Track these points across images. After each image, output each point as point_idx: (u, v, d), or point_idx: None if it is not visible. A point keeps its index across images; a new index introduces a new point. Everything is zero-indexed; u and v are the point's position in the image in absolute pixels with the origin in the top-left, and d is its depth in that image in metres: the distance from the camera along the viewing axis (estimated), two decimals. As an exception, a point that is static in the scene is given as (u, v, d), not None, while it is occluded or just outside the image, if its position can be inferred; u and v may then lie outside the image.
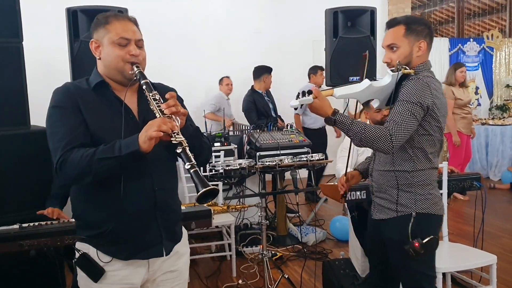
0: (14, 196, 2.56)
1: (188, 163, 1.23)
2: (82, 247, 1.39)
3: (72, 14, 3.04)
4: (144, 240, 1.39)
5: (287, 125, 4.14)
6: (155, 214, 1.40)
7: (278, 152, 3.36)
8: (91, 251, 1.38)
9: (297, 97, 1.59)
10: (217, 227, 3.30)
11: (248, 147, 3.74)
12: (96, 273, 1.36)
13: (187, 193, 3.43)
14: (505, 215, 4.28)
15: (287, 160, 2.93)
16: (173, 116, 1.27)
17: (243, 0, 6.11)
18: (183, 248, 1.52)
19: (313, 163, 2.97)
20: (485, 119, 6.61)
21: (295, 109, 1.64)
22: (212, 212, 2.61)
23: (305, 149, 3.59)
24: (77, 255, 1.39)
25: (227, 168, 2.81)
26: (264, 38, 6.04)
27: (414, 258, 1.63)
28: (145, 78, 1.36)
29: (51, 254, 2.35)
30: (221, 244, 3.50)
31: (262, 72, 4.52)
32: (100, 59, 1.40)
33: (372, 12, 4.01)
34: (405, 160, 1.71)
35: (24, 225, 2.17)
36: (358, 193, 2.50)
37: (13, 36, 2.55)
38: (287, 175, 3.23)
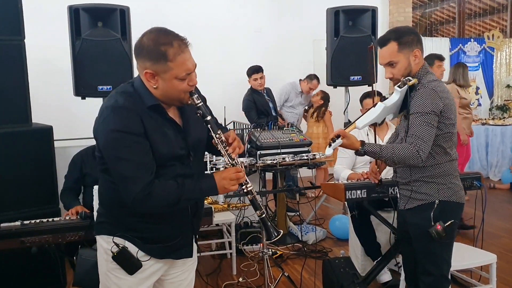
0: (16, 193, 2.57)
1: (258, 212, 1.39)
2: (120, 241, 1.42)
3: (74, 12, 3.05)
4: (179, 242, 1.49)
5: (287, 124, 4.15)
6: (192, 221, 1.50)
7: (279, 150, 3.36)
8: (129, 246, 1.42)
9: (329, 145, 1.78)
10: (217, 225, 3.31)
11: (249, 145, 3.74)
12: (133, 266, 1.42)
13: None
14: (505, 215, 4.29)
15: (288, 159, 2.93)
16: (238, 160, 1.41)
17: (244, -1, 6.11)
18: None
19: (314, 161, 2.97)
20: (485, 119, 6.61)
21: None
22: (213, 210, 2.62)
23: (306, 148, 3.59)
24: (115, 249, 1.40)
25: (228, 167, 2.81)
26: (264, 37, 6.04)
27: (436, 240, 1.79)
28: (207, 114, 1.39)
29: (53, 251, 2.36)
30: (221, 242, 3.51)
31: (248, 72, 4.52)
32: (156, 88, 1.35)
33: (373, 11, 4.02)
34: (427, 157, 1.83)
35: (26, 222, 2.18)
36: (358, 192, 2.50)
37: (15, 34, 2.56)
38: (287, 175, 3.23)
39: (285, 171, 4.00)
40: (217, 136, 1.39)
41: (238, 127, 5.17)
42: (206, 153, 3.76)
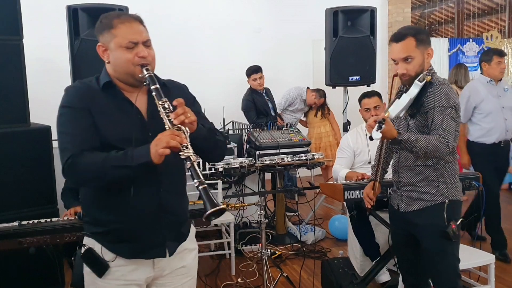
0: (14, 193, 2.56)
1: (196, 180, 1.22)
2: (88, 242, 1.41)
3: (73, 12, 3.05)
4: (147, 240, 1.40)
5: (286, 124, 4.15)
6: (159, 215, 1.40)
7: (277, 151, 3.36)
8: (97, 247, 1.40)
9: (379, 128, 1.64)
10: (216, 225, 3.31)
11: (247, 146, 3.75)
12: (100, 268, 1.38)
13: (187, 191, 3.43)
14: (503, 215, 4.28)
15: (287, 159, 2.93)
16: (182, 127, 1.26)
17: (243, -1, 6.12)
18: (190, 244, 1.53)
19: (313, 162, 2.97)
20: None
21: (371, 138, 1.68)
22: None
23: (305, 148, 3.59)
24: (83, 249, 1.40)
25: (227, 167, 2.81)
26: (264, 37, 6.04)
27: (451, 239, 1.80)
28: (155, 83, 1.33)
29: (51, 252, 2.35)
30: (220, 242, 3.51)
31: (247, 73, 4.52)
32: (109, 62, 1.38)
33: (372, 12, 4.02)
34: (427, 158, 1.82)
35: (24, 222, 2.17)
36: (357, 192, 2.50)
37: (13, 34, 2.55)
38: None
39: (284, 171, 4.00)
40: (160, 102, 1.29)
41: (237, 127, 5.18)
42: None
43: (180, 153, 1.22)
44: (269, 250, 2.77)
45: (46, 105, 4.61)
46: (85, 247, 1.39)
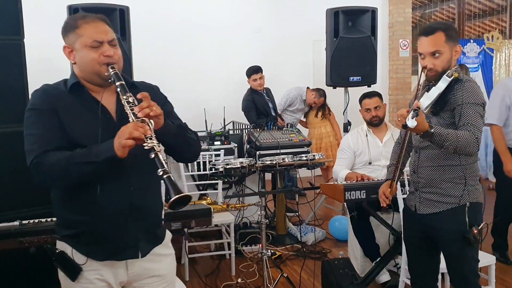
0: (14, 193, 2.56)
1: (160, 169, 1.21)
2: (61, 246, 1.39)
3: (74, 12, 3.05)
4: (119, 241, 1.37)
5: (287, 125, 4.15)
6: (131, 215, 1.37)
7: (278, 151, 3.36)
8: (68, 250, 1.37)
9: (415, 116, 1.57)
10: (216, 225, 3.30)
11: (248, 146, 3.75)
12: (73, 271, 1.36)
13: (186, 191, 3.43)
14: (504, 216, 4.29)
15: (287, 159, 2.93)
16: (147, 119, 1.24)
17: (243, -1, 6.12)
18: (165, 250, 1.50)
19: (313, 162, 2.97)
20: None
21: (404, 126, 1.60)
22: (212, 210, 2.62)
23: (305, 149, 3.59)
24: (55, 253, 1.39)
25: (227, 167, 2.81)
26: (264, 38, 6.04)
27: (471, 244, 1.75)
28: (120, 79, 1.33)
29: (51, 252, 2.35)
30: (220, 242, 3.51)
31: (248, 73, 4.52)
32: (75, 63, 1.38)
33: (373, 12, 4.02)
34: (456, 154, 1.78)
35: (24, 222, 2.17)
36: (357, 193, 2.50)
37: (14, 33, 2.55)
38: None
39: (285, 172, 4.00)
40: (124, 97, 1.29)
41: (237, 127, 5.18)
42: (205, 154, 3.74)
43: (144, 144, 1.21)
44: (269, 250, 2.76)
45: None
46: (57, 251, 1.38)
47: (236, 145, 3.85)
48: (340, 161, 3.12)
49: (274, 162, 2.91)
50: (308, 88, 5.10)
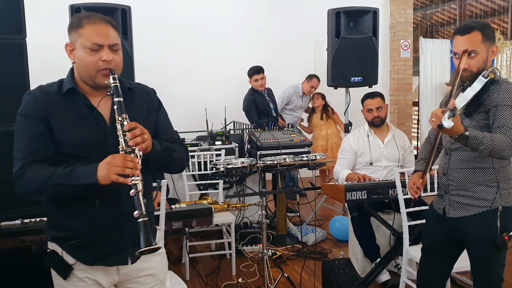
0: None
1: (137, 212, 1.20)
2: (50, 245, 1.40)
3: (76, 11, 3.05)
4: (108, 248, 1.36)
5: (288, 125, 4.15)
6: (121, 222, 1.35)
7: (279, 151, 3.36)
8: (58, 250, 1.38)
9: (450, 116, 1.52)
10: (217, 225, 3.31)
11: (249, 146, 3.75)
12: (64, 270, 1.36)
13: (187, 191, 3.44)
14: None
15: (288, 160, 2.94)
16: (136, 149, 1.24)
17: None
18: None
19: (314, 162, 2.97)
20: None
21: (440, 127, 1.55)
22: (213, 210, 2.62)
23: (306, 149, 3.59)
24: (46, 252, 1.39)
25: (228, 167, 2.81)
26: (265, 38, 6.04)
27: (500, 249, 1.71)
28: (119, 95, 1.29)
29: (41, 251, 2.36)
30: (221, 242, 3.51)
31: (249, 73, 4.53)
32: (74, 63, 1.35)
33: (374, 13, 4.02)
34: (491, 157, 1.74)
35: (26, 220, 2.18)
36: (358, 193, 2.50)
37: (16, 32, 2.56)
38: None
39: (285, 172, 4.00)
40: (119, 118, 1.26)
41: (238, 127, 5.18)
42: (206, 154, 3.73)
43: (128, 179, 1.21)
44: (270, 250, 2.76)
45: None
46: (49, 250, 1.39)
47: (237, 145, 3.85)
48: (341, 161, 3.12)
49: (275, 162, 2.91)
50: (303, 82, 5.10)
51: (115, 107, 1.29)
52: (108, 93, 1.31)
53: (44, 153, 1.30)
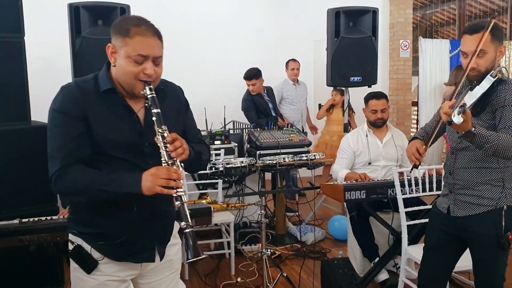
0: (14, 191, 2.56)
1: (184, 223, 1.23)
2: (75, 239, 1.40)
3: (74, 10, 3.04)
4: (137, 245, 1.40)
5: (287, 124, 4.15)
6: (151, 222, 1.40)
7: (278, 151, 3.36)
8: (85, 244, 1.39)
9: (462, 112, 1.51)
10: (216, 225, 3.30)
11: (248, 145, 3.75)
12: (89, 265, 1.37)
13: (186, 190, 3.44)
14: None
15: (287, 159, 2.93)
16: (178, 160, 1.28)
17: (245, -1, 6.12)
18: (173, 239, 1.54)
19: (313, 162, 2.97)
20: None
21: (450, 123, 1.56)
22: (212, 210, 2.61)
23: (305, 148, 3.59)
24: (70, 246, 1.40)
25: (227, 166, 2.81)
26: (265, 37, 6.04)
27: (505, 249, 1.72)
28: (156, 106, 1.31)
29: (51, 250, 2.35)
30: (220, 242, 3.51)
31: (243, 77, 4.51)
32: (114, 66, 1.34)
33: (374, 12, 4.02)
34: (495, 156, 1.73)
35: (24, 220, 2.17)
36: (357, 193, 2.50)
37: (15, 31, 2.56)
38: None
39: (285, 172, 4.00)
40: (159, 130, 1.28)
41: (237, 127, 5.17)
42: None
43: (174, 191, 1.24)
44: (269, 250, 2.77)
45: (47, 103, 4.61)
46: (74, 244, 1.39)
47: (236, 144, 3.85)
48: (339, 160, 3.12)
49: (274, 162, 2.91)
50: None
51: (154, 118, 1.30)
52: (146, 105, 1.33)
53: (82, 153, 1.30)
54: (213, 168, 2.90)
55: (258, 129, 3.77)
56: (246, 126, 4.74)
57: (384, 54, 6.48)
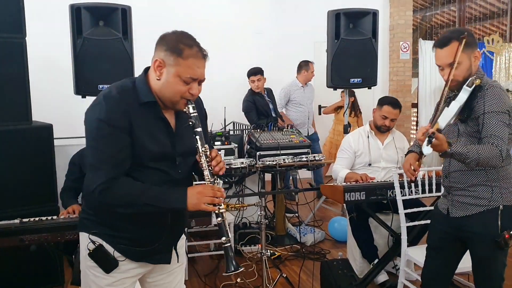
0: (15, 190, 2.57)
1: (225, 238, 1.33)
2: (95, 239, 1.42)
3: (76, 11, 3.04)
4: (158, 248, 1.46)
5: (287, 126, 4.16)
6: (173, 228, 1.48)
7: (278, 152, 3.37)
8: (109, 247, 1.42)
9: (427, 144, 1.60)
10: (216, 225, 3.31)
11: (248, 146, 3.75)
12: (109, 265, 1.41)
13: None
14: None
15: (287, 160, 2.94)
16: (217, 177, 1.37)
17: (245, 0, 6.12)
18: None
19: (313, 163, 2.98)
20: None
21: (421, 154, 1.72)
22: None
23: (305, 150, 3.60)
24: (91, 246, 1.40)
25: (227, 167, 2.82)
26: (265, 39, 6.05)
27: (502, 248, 1.75)
28: (199, 125, 1.38)
29: (51, 249, 2.36)
30: (220, 242, 3.51)
31: (248, 74, 4.54)
32: (159, 79, 1.36)
33: (374, 14, 4.03)
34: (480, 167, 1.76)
35: (25, 220, 2.18)
36: (357, 194, 2.51)
37: (16, 31, 2.57)
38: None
39: (285, 172, 4.01)
40: (203, 149, 1.36)
41: (238, 128, 5.18)
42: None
43: (216, 207, 1.32)
44: (268, 250, 2.78)
45: (48, 104, 4.63)
46: (96, 244, 1.40)
47: (236, 145, 3.85)
48: (340, 160, 3.13)
49: (274, 163, 2.91)
50: (296, 77, 5.03)
51: (197, 137, 1.37)
52: (190, 123, 1.37)
53: (127, 164, 1.33)
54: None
55: (258, 130, 3.78)
56: (246, 127, 4.75)
57: (384, 56, 6.49)
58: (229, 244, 1.32)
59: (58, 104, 4.65)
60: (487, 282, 1.85)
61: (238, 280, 2.91)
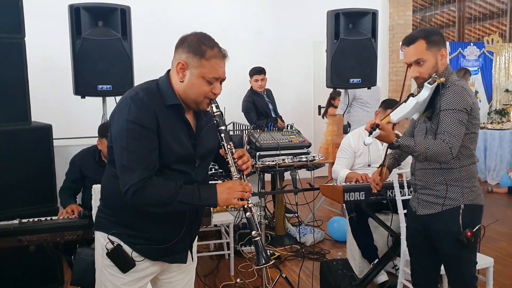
0: (14, 191, 2.57)
1: (255, 232, 1.36)
2: (114, 239, 1.42)
3: (75, 11, 3.05)
4: (175, 247, 1.48)
5: (287, 126, 4.16)
6: (191, 227, 1.49)
7: (278, 152, 3.36)
8: (127, 248, 1.42)
9: (370, 134, 1.70)
10: (216, 226, 3.31)
11: (248, 146, 3.75)
12: (126, 265, 1.42)
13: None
14: (502, 218, 4.30)
15: (287, 160, 2.94)
16: (244, 174, 1.41)
17: (244, 0, 6.12)
18: None
19: (313, 163, 2.98)
20: (483, 123, 6.63)
21: (364, 143, 1.77)
22: (212, 210, 2.62)
23: (305, 150, 3.60)
24: (109, 245, 1.41)
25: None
26: (265, 39, 6.05)
27: (466, 246, 1.78)
28: (224, 123, 1.42)
29: (50, 250, 2.36)
30: (219, 243, 3.51)
31: (251, 73, 4.52)
32: (182, 82, 1.38)
33: (373, 14, 4.02)
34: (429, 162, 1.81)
35: (24, 220, 2.18)
36: (356, 194, 2.51)
37: (15, 32, 2.56)
38: (287, 175, 3.24)
39: (284, 173, 4.00)
40: (228, 147, 1.41)
41: (237, 128, 5.18)
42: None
43: (245, 205, 1.36)
44: (268, 251, 2.77)
45: (47, 104, 4.63)
46: (114, 244, 1.41)
47: (236, 145, 3.85)
48: (340, 160, 3.12)
49: (273, 163, 2.91)
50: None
51: (222, 135, 1.41)
52: (215, 122, 1.41)
53: (157, 165, 1.35)
54: (213, 169, 2.90)
55: (258, 130, 3.78)
56: (246, 128, 4.75)
57: (383, 56, 6.50)
58: (259, 237, 1.35)
59: (58, 104, 4.65)
60: (460, 281, 1.89)
61: (238, 280, 2.92)
